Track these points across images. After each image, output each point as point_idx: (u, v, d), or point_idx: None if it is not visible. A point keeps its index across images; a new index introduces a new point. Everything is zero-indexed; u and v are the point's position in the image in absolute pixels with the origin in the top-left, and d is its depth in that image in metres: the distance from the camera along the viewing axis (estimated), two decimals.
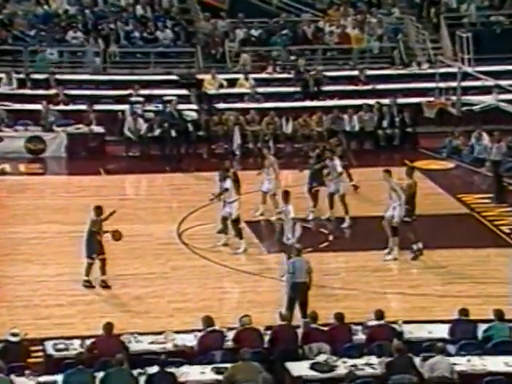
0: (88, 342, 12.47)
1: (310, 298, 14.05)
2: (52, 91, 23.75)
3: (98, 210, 15.56)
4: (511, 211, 18.80)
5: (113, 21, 25.98)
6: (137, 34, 25.94)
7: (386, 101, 23.64)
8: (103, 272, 15.27)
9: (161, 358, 12.00)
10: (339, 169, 17.90)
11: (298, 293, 13.86)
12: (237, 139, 22.80)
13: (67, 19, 25.95)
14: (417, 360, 12.02)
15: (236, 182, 17.19)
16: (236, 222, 16.67)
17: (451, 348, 12.57)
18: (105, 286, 15.19)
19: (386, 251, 16.34)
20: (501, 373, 12.04)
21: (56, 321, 14.23)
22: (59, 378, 11.63)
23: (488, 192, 19.89)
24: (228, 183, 16.76)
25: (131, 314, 14.50)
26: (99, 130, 22.67)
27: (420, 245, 16.33)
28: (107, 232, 15.36)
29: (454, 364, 12.04)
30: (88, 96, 23.65)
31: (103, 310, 14.59)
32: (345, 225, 17.85)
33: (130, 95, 23.67)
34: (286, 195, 16.07)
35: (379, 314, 12.89)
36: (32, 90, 23.91)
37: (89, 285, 15.14)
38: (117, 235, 15.44)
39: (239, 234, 16.66)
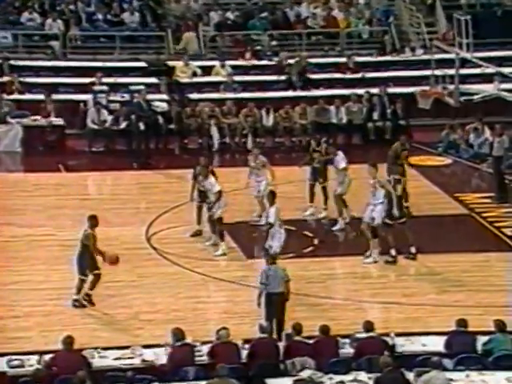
0: (46, 357, 12.43)
1: (293, 307, 14.08)
2: (5, 79, 23.67)
3: (93, 220, 15.18)
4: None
5: (73, 1, 25.94)
6: (100, 15, 25.92)
7: (376, 90, 23.77)
8: (92, 287, 15.08)
9: (127, 375, 12.02)
10: (342, 165, 17.94)
11: (274, 305, 13.84)
12: (215, 133, 22.85)
13: None
14: (410, 375, 12.09)
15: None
16: (219, 221, 16.72)
17: (448, 362, 12.65)
18: (88, 301, 15.04)
19: (366, 254, 16.42)
20: None
21: (10, 334, 14.18)
22: None
23: (489, 191, 20.04)
24: (212, 181, 16.76)
25: (94, 326, 14.49)
26: (58, 122, 22.64)
27: (393, 252, 16.42)
28: (103, 254, 14.96)
29: (451, 380, 12.12)
30: (46, 84, 23.59)
31: (63, 322, 14.56)
32: (337, 227, 17.87)
33: (93, 84, 23.63)
34: (272, 196, 16.07)
35: (369, 326, 12.96)
36: None
37: (79, 304, 14.95)
38: (113, 259, 14.96)
39: (221, 235, 16.70)
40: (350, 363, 12.63)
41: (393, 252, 16.44)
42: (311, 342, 12.93)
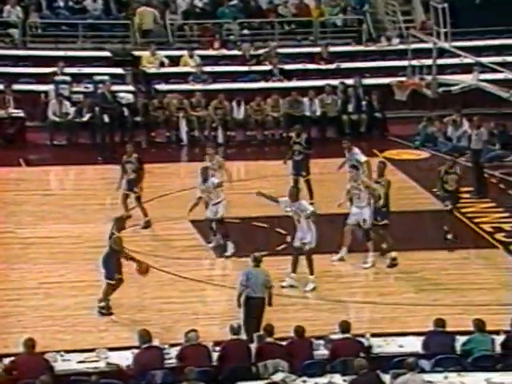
0: (6, 361, 12.36)
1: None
2: None
3: (119, 222, 14.99)
4: (494, 207, 19.07)
5: None
6: (61, 2, 25.79)
7: (351, 81, 23.83)
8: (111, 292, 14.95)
9: (92, 379, 11.96)
10: (363, 158, 17.85)
11: (253, 309, 13.79)
12: (183, 126, 22.83)
13: None
14: (386, 378, 12.14)
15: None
16: (222, 221, 16.58)
17: (425, 363, 12.72)
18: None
19: (365, 260, 16.40)
20: None
21: None
22: None
23: (468, 185, 20.16)
24: (214, 181, 16.55)
25: (57, 328, 14.40)
26: (18, 113, 22.53)
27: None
28: (135, 260, 14.79)
29: (429, 382, 12.17)
30: (5, 74, 23.47)
31: (23, 324, 14.47)
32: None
33: (55, 74, 23.52)
34: (297, 192, 15.88)
35: (345, 326, 12.99)
36: None
37: (106, 312, 14.78)
38: (143, 268, 14.78)
39: (226, 234, 16.60)
40: (324, 365, 12.66)
41: (393, 254, 16.46)
42: (284, 343, 12.95)
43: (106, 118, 22.48)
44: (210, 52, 25.34)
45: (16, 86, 22.99)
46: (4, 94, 22.57)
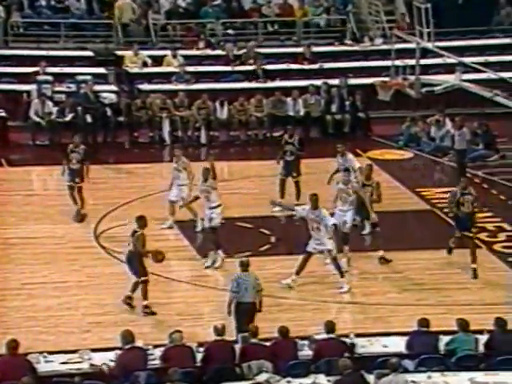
0: None
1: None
2: None
3: (141, 220, 14.98)
4: (477, 207, 19.13)
5: None
6: (43, 1, 25.72)
7: (334, 81, 23.88)
8: (134, 289, 14.95)
9: (75, 380, 11.94)
10: (357, 164, 17.84)
11: (244, 315, 13.77)
12: (166, 126, 22.82)
13: None
14: (370, 378, 12.17)
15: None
16: (215, 230, 16.28)
17: (409, 363, 12.76)
18: (129, 304, 14.94)
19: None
20: None
21: None
22: None
23: (451, 185, 20.21)
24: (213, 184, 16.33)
25: (39, 329, 14.36)
26: (0, 113, 22.44)
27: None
28: (150, 253, 14.85)
29: (413, 382, 12.22)
30: None
31: (6, 324, 14.42)
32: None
33: (37, 73, 23.46)
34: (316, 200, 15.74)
35: (330, 326, 13.01)
36: None
37: (149, 311, 14.74)
38: (159, 256, 14.90)
39: (217, 244, 16.28)
40: (308, 366, 12.68)
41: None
42: (268, 344, 12.96)
43: (89, 118, 22.48)
44: (194, 52, 25.34)
45: None
46: None
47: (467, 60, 22.15)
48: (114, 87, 23.70)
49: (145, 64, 24.64)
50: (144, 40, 25.56)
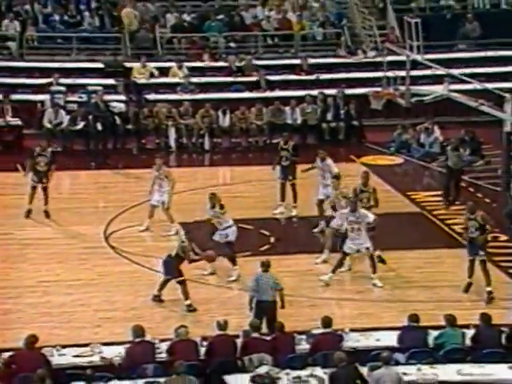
0: (6, 355, 12.32)
1: (248, 305, 14.03)
2: None
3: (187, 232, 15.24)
4: (464, 209, 19.13)
5: (29, 2, 25.72)
6: (57, 17, 25.73)
7: (330, 91, 23.89)
8: (162, 287, 15.00)
9: (87, 372, 11.93)
10: (335, 169, 17.83)
11: (264, 313, 13.74)
12: (172, 133, 22.83)
13: None
14: (364, 370, 12.18)
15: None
16: (231, 244, 16.06)
17: (400, 356, 12.77)
18: (158, 301, 14.99)
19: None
20: (453, 382, 12.29)
21: None
22: None
23: (439, 189, 20.25)
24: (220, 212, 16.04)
25: (53, 324, 14.36)
26: (16, 122, 22.46)
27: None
28: (197, 260, 14.96)
29: (404, 373, 12.22)
30: (3, 85, 23.38)
31: (22, 320, 14.44)
32: (316, 230, 17.76)
33: (50, 84, 23.47)
34: (355, 203, 15.86)
35: (327, 321, 13.03)
36: None
37: (192, 308, 14.77)
38: (211, 258, 15.15)
39: (233, 259, 16.03)
40: (306, 359, 12.69)
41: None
42: (268, 338, 12.97)
43: (99, 126, 22.46)
44: (198, 64, 25.33)
45: (14, 96, 22.94)
46: (2, 104, 22.49)
47: (454, 72, 22.16)
48: (122, 97, 23.69)
49: (152, 75, 24.65)
50: (151, 52, 25.57)
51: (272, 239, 17.55)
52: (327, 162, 17.98)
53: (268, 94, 24.30)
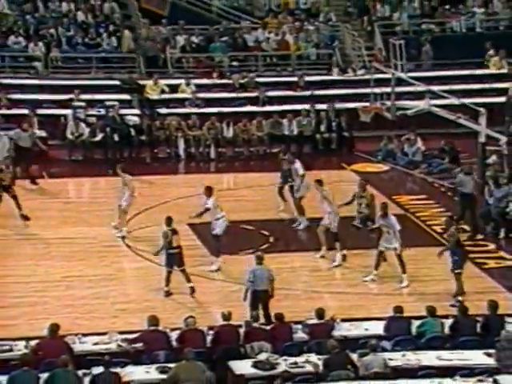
0: (33, 343, 12.35)
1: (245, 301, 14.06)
2: None
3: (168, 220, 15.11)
4: (443, 211, 19.18)
5: (54, 26, 25.77)
6: (78, 39, 25.76)
7: (323, 106, 23.92)
8: (168, 282, 15.02)
9: (105, 358, 11.94)
10: (301, 171, 17.94)
11: (258, 300, 13.83)
12: (181, 144, 22.87)
13: (8, 24, 25.66)
14: (354, 356, 12.20)
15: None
16: (217, 239, 16.11)
17: (387, 344, 12.80)
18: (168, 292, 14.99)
19: (332, 259, 16.43)
20: (433, 367, 12.31)
21: (0, 322, 14.05)
22: (4, 378, 11.50)
23: (420, 193, 20.27)
24: (210, 202, 16.04)
25: (75, 315, 14.40)
26: (41, 134, 22.46)
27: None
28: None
29: (390, 359, 12.26)
30: (30, 100, 23.40)
31: (47, 311, 14.47)
32: (301, 226, 17.86)
33: (72, 100, 23.48)
34: (385, 207, 15.98)
35: (320, 313, 13.06)
36: None
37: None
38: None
39: (217, 251, 16.12)
40: (302, 346, 12.72)
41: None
42: (268, 328, 12.99)
43: (116, 137, 22.47)
44: (204, 81, 25.35)
45: (40, 111, 22.93)
46: (30, 118, 22.52)
47: (435, 88, 22.20)
48: (137, 111, 23.70)
49: (163, 91, 24.66)
50: (162, 71, 25.61)
51: (271, 239, 17.57)
52: (295, 165, 17.97)
53: (267, 108, 24.31)
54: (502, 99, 23.94)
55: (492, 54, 26.12)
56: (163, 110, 23.86)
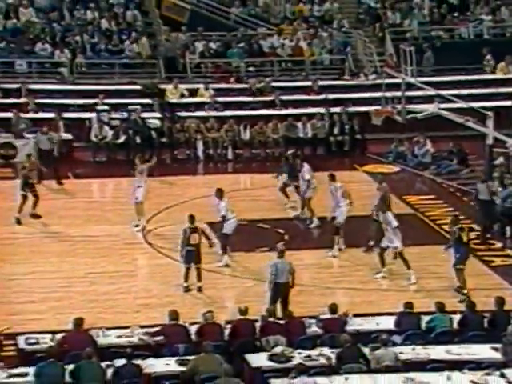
0: (58, 336, 12.42)
1: (267, 293, 14.10)
2: (22, 100, 23.59)
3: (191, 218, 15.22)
4: (451, 211, 19.11)
5: (79, 33, 25.88)
6: (102, 46, 25.86)
7: (336, 109, 23.90)
8: (186, 278, 15.06)
9: (127, 350, 12.00)
10: (307, 176, 17.99)
11: (280, 292, 13.88)
12: (200, 146, 22.91)
13: (35, 32, 25.80)
14: (366, 350, 12.19)
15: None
16: (225, 237, 16.16)
17: (397, 338, 12.78)
18: (187, 289, 15.08)
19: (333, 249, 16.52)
20: (442, 360, 12.28)
21: (28, 316, 14.16)
22: (31, 370, 11.58)
23: (430, 193, 20.21)
24: (223, 204, 16.09)
25: (99, 309, 14.47)
26: (67, 136, 22.59)
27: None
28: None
29: (401, 353, 12.24)
30: (56, 105, 23.50)
31: (73, 306, 14.53)
32: (313, 225, 17.88)
33: (96, 104, 23.59)
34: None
35: (333, 308, 13.06)
36: (2, 98, 23.73)
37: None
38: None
39: (224, 247, 16.17)
40: (315, 340, 12.72)
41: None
42: (283, 322, 13.00)
43: (138, 140, 22.56)
44: (222, 85, 25.39)
45: (65, 114, 23.03)
46: (56, 121, 22.64)
47: (443, 92, 22.14)
48: (158, 114, 23.78)
49: (182, 95, 24.72)
50: (182, 76, 25.66)
51: (286, 237, 17.58)
52: (304, 168, 18.07)
53: (283, 111, 24.32)
54: (509, 103, 23.83)
55: (489, 59, 26.03)
56: (183, 114, 23.91)
